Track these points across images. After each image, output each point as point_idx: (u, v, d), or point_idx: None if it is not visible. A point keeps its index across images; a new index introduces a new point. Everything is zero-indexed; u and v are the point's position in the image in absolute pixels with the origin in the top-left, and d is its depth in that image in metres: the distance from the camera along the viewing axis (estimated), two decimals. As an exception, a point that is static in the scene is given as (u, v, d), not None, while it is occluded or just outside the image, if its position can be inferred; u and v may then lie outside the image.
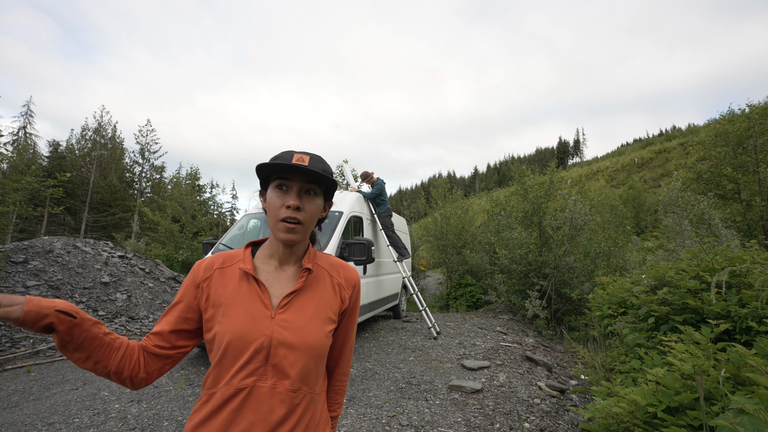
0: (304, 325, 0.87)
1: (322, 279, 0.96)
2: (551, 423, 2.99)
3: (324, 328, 0.90)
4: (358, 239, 4.72)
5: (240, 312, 0.86)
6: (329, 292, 0.95)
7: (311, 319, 0.89)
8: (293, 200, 0.87)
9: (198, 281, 0.91)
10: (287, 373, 0.84)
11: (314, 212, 0.91)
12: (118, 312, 7.12)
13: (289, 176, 0.89)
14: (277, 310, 0.87)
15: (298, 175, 0.89)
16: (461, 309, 10.00)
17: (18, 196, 6.60)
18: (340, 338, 1.01)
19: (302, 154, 0.90)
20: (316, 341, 0.87)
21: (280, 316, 0.87)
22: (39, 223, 21.51)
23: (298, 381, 0.85)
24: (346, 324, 1.01)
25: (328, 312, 0.92)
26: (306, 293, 0.92)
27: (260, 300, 0.88)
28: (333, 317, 0.94)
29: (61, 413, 3.24)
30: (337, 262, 1.01)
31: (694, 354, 1.97)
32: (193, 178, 20.58)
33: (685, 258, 3.38)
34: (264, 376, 0.83)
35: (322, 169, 0.90)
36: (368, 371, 4.19)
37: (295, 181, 0.89)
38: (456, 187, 13.07)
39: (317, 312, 0.91)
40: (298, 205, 0.87)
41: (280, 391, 0.83)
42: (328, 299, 0.94)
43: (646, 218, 21.70)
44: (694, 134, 36.93)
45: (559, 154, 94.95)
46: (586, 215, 7.18)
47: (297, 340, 0.85)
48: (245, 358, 0.83)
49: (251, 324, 0.85)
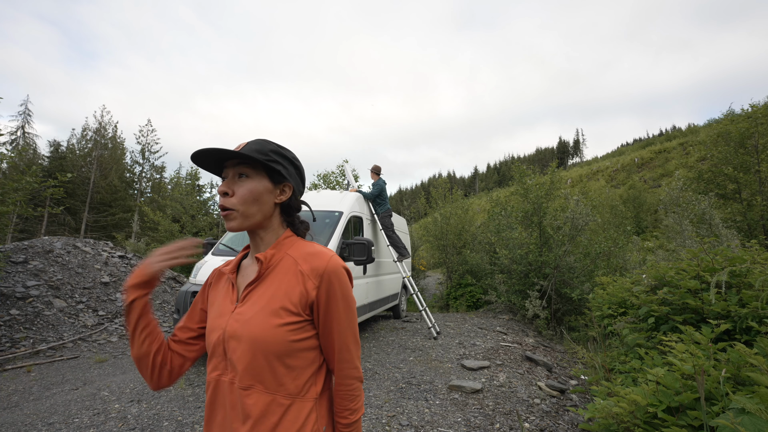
0: (251, 316, 0.83)
1: (286, 269, 0.87)
2: (551, 423, 2.98)
3: (272, 320, 0.82)
4: (358, 239, 4.72)
5: (214, 309, 0.92)
6: (290, 282, 0.85)
7: (260, 311, 0.83)
8: (222, 186, 0.86)
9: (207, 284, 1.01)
10: (236, 368, 0.82)
11: (246, 195, 0.85)
12: (118, 312, 7.12)
13: (225, 164, 0.89)
14: (238, 304, 0.87)
15: (229, 161, 0.88)
16: (461, 309, 10.00)
17: (18, 196, 6.60)
18: (323, 336, 0.88)
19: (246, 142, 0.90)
20: (260, 333, 0.80)
21: (238, 309, 0.86)
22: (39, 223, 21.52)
23: (248, 377, 0.80)
24: (323, 320, 0.87)
25: (283, 302, 0.83)
26: (264, 284, 0.87)
27: (228, 296, 0.91)
28: (291, 308, 0.83)
29: (61, 413, 3.24)
30: (312, 251, 0.90)
31: (694, 354, 1.96)
32: (193, 178, 20.58)
33: (686, 258, 3.38)
34: (225, 370, 0.85)
35: (254, 150, 0.86)
36: (368, 371, 4.19)
37: (229, 167, 0.88)
38: (456, 187, 13.07)
39: (270, 302, 0.83)
40: (225, 191, 0.85)
41: (235, 386, 0.82)
42: (285, 289, 0.85)
43: (646, 218, 21.69)
44: (695, 134, 36.91)
45: (559, 154, 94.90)
46: (588, 215, 7.18)
47: (243, 332, 0.82)
48: (210, 352, 0.88)
49: (217, 319, 0.89)
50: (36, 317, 5.97)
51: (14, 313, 5.83)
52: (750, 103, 10.90)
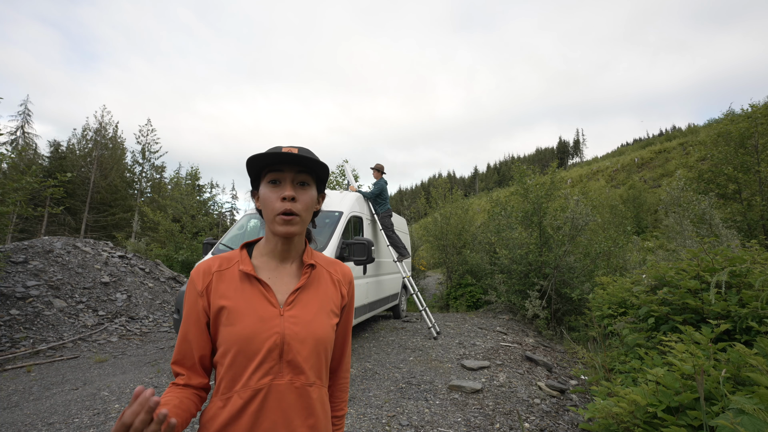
0: (311, 319, 0.89)
1: (322, 275, 0.97)
2: (551, 423, 2.98)
3: (330, 321, 0.93)
4: (358, 239, 4.71)
5: (247, 314, 0.85)
6: (330, 288, 0.97)
7: (318, 314, 0.91)
8: (289, 191, 0.86)
9: (200, 289, 0.89)
10: (302, 368, 0.86)
11: (309, 203, 0.90)
12: (118, 312, 7.13)
13: (281, 168, 0.88)
14: (285, 308, 0.88)
15: (289, 166, 0.88)
16: (461, 309, 10.00)
17: (18, 196, 6.60)
18: (341, 334, 1.02)
19: (290, 147, 0.90)
20: (324, 334, 0.90)
21: (289, 313, 0.87)
22: (39, 223, 21.50)
23: (312, 375, 0.87)
24: (346, 319, 1.03)
25: (331, 306, 0.95)
26: (310, 289, 0.93)
27: (266, 299, 0.87)
28: (336, 311, 0.96)
29: (61, 413, 3.24)
30: (331, 259, 1.04)
31: (694, 354, 1.96)
32: (193, 178, 20.57)
33: (686, 258, 3.38)
34: (279, 374, 0.84)
35: (315, 161, 0.90)
36: (368, 371, 4.19)
37: (287, 172, 0.88)
38: (456, 187, 13.07)
39: (322, 306, 0.93)
40: (293, 196, 0.87)
41: (297, 386, 0.85)
42: (330, 294, 0.96)
43: (646, 218, 21.69)
44: (695, 134, 36.91)
45: (559, 154, 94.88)
46: (588, 215, 7.18)
47: (308, 335, 0.87)
48: (259, 358, 0.83)
49: (260, 324, 0.84)
50: (36, 317, 5.97)
51: (14, 313, 5.83)
52: (750, 103, 10.91)
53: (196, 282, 0.90)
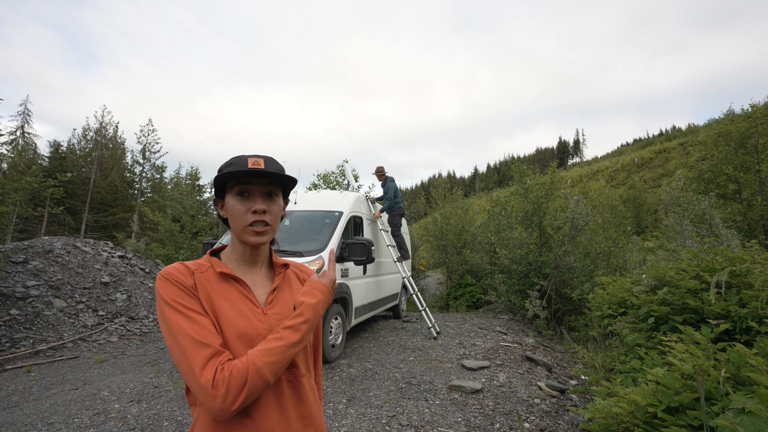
0: None
1: (291, 276, 1.03)
2: (551, 423, 2.98)
3: None
4: (358, 239, 4.72)
5: (232, 312, 0.85)
6: (300, 287, 1.02)
7: None
8: (260, 204, 0.89)
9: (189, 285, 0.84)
10: (294, 361, 0.91)
11: (278, 213, 0.95)
12: (118, 312, 7.13)
13: (249, 181, 0.89)
14: (266, 306, 0.92)
15: (258, 179, 0.90)
16: (461, 309, 10.00)
17: (18, 196, 6.61)
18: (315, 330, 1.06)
19: (255, 157, 0.90)
20: None
21: (271, 311, 0.91)
22: (39, 223, 21.49)
23: (303, 367, 0.93)
24: None
25: None
26: (285, 289, 0.98)
27: (248, 299, 0.90)
28: None
29: (61, 413, 3.24)
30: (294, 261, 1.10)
31: (694, 354, 1.96)
32: (193, 178, 20.55)
33: (686, 258, 3.37)
34: None
35: (278, 170, 0.92)
36: (368, 371, 4.19)
37: (256, 185, 0.90)
38: (456, 187, 13.08)
39: None
40: (264, 209, 0.89)
41: (290, 380, 0.89)
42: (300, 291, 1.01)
43: (646, 218, 21.68)
44: (694, 134, 36.89)
45: (559, 154, 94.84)
46: (588, 215, 7.18)
47: None
48: None
49: (247, 321, 0.86)
50: (36, 317, 5.97)
51: (14, 313, 5.83)
52: (750, 103, 10.91)
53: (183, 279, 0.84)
